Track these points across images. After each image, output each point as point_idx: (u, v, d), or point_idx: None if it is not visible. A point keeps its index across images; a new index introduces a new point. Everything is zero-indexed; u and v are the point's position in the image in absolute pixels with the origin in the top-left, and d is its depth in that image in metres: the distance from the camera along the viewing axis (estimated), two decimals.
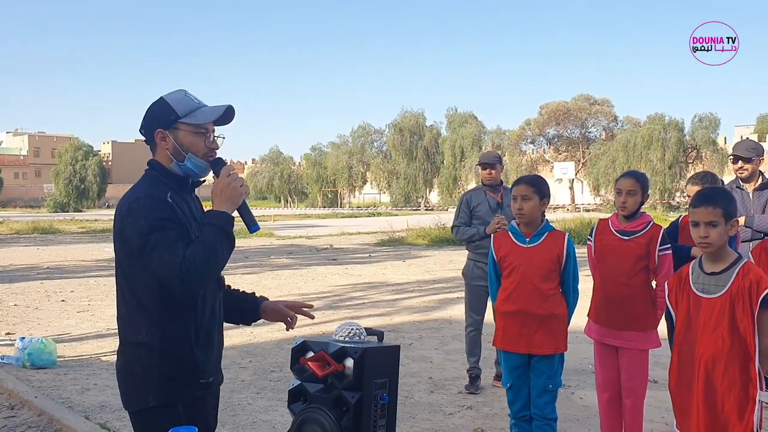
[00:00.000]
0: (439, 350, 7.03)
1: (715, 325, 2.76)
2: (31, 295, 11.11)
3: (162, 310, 2.21)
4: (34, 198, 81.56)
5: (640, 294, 3.96)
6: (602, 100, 60.40)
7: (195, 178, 2.36)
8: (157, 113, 2.29)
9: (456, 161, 61.46)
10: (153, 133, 2.29)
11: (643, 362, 4.03)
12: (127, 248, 2.20)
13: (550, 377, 3.70)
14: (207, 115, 2.30)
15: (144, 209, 2.16)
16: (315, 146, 75.01)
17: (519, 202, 3.72)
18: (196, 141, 2.29)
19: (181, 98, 2.31)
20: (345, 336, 3.24)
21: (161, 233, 2.13)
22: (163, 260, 2.09)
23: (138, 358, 2.23)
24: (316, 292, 11.30)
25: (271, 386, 5.77)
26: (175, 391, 2.24)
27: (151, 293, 2.19)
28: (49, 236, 27.81)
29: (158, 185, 2.26)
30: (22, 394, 5.26)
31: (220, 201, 2.23)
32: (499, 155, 5.98)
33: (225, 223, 2.20)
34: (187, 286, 2.12)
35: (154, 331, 2.21)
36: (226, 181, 2.24)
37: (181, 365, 2.24)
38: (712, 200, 2.82)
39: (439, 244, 21.36)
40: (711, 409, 2.75)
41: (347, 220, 39.80)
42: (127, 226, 2.18)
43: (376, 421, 3.09)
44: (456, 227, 5.75)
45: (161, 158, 2.32)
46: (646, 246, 3.91)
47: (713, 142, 53.51)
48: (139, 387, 2.24)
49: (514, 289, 3.75)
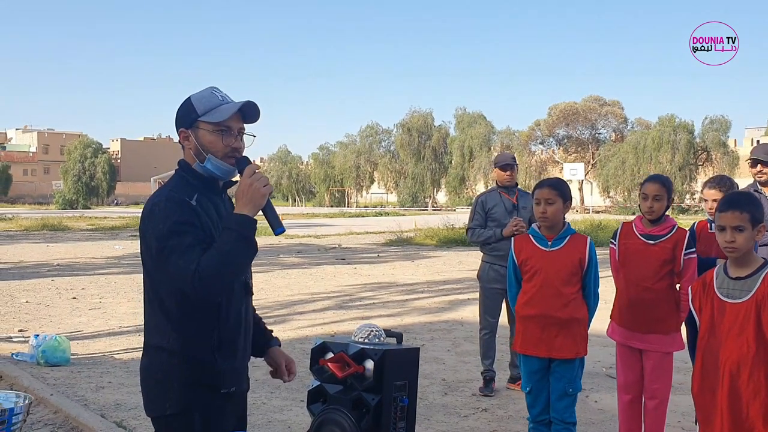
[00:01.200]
0: (451, 352, 7.02)
1: (739, 330, 2.74)
2: (42, 292, 11.15)
3: (183, 315, 2.14)
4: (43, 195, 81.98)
5: (665, 298, 3.95)
6: (612, 102, 60.23)
7: (219, 179, 2.27)
8: (181, 112, 2.24)
9: (464, 161, 61.41)
10: (179, 133, 2.26)
11: (667, 364, 4.03)
12: (149, 250, 2.16)
13: (570, 381, 3.68)
14: (224, 113, 2.19)
15: (164, 212, 2.10)
16: (323, 146, 75.28)
17: (543, 206, 3.68)
18: (215, 140, 2.20)
19: (205, 96, 2.22)
20: (364, 337, 3.24)
21: (179, 238, 2.07)
22: (178, 266, 2.04)
23: (159, 362, 2.18)
24: (326, 291, 11.30)
25: (285, 386, 5.76)
26: (193, 399, 2.16)
27: (173, 297, 2.14)
28: (58, 233, 27.92)
29: (185, 187, 2.20)
30: (38, 392, 5.27)
31: (242, 203, 2.11)
32: (515, 157, 5.94)
33: (244, 227, 2.08)
34: (201, 295, 2.05)
35: (175, 336, 2.15)
36: (249, 182, 2.12)
37: (201, 372, 2.17)
38: (738, 205, 2.80)
39: (447, 244, 21.32)
40: (735, 415, 2.72)
41: (355, 220, 39.81)
42: (147, 228, 2.14)
43: (395, 423, 3.09)
44: (471, 229, 5.71)
45: (188, 158, 2.27)
46: (672, 250, 3.91)
47: (723, 145, 53.30)
48: (159, 393, 2.18)
49: (536, 293, 3.72)
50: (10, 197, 79.69)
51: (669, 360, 4.03)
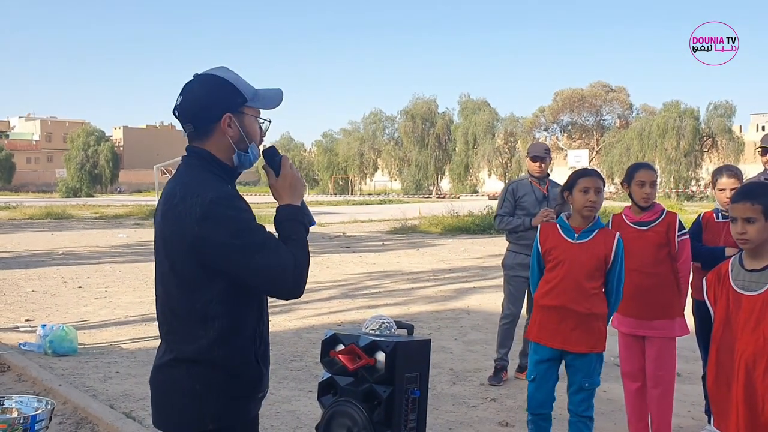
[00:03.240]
0: (458, 341, 7.01)
1: (756, 323, 2.70)
2: (48, 281, 11.16)
3: (232, 323, 1.98)
4: (47, 183, 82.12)
5: (667, 282, 3.99)
6: (618, 88, 59.99)
7: (245, 169, 2.12)
8: (223, 95, 2.00)
9: (468, 148, 61.23)
10: (217, 117, 1.99)
11: (671, 350, 4.05)
12: (204, 256, 1.91)
13: (587, 375, 3.64)
14: (273, 99, 2.08)
15: (233, 211, 1.92)
16: (326, 133, 75.10)
17: (593, 194, 3.59)
18: (256, 128, 2.08)
19: (238, 78, 2.04)
20: (375, 329, 3.24)
21: (262, 234, 1.92)
22: (272, 263, 1.89)
23: (195, 376, 1.98)
24: (331, 280, 11.29)
25: (292, 376, 5.77)
26: (235, 411, 2.03)
27: (223, 305, 1.96)
28: (62, 221, 27.96)
29: (218, 180, 2.00)
30: (46, 382, 5.28)
31: (290, 195, 2.05)
32: (548, 147, 5.83)
33: (304, 218, 2.06)
34: (296, 290, 1.95)
35: (219, 346, 1.97)
36: (293, 174, 2.07)
37: (244, 382, 2.04)
38: (751, 196, 2.76)
39: (452, 232, 21.29)
40: (751, 408, 2.70)
41: (359, 207, 39.79)
42: (210, 232, 1.88)
43: (407, 415, 3.07)
44: (500, 216, 5.64)
45: (214, 147, 2.02)
46: (665, 234, 3.96)
47: (729, 130, 53.05)
48: (195, 408, 1.99)
49: (557, 284, 3.66)
50: (14, 185, 79.79)
51: (672, 346, 4.04)
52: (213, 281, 1.95)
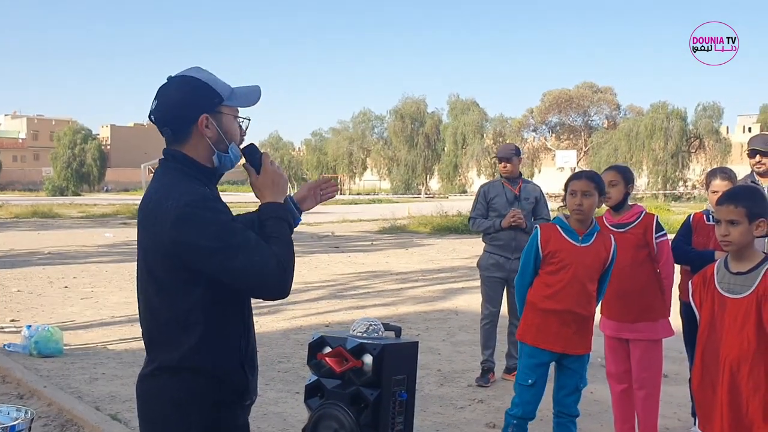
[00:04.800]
0: (446, 342, 7.01)
1: (741, 326, 2.72)
2: (34, 281, 11.07)
3: (214, 328, 1.94)
4: (33, 181, 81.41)
5: (647, 284, 3.98)
6: (605, 88, 60.24)
7: (227, 170, 2.07)
8: (199, 95, 1.96)
9: (457, 148, 61.31)
10: (193, 119, 1.96)
11: (656, 353, 4.05)
12: (182, 260, 1.88)
13: (582, 377, 3.67)
14: (250, 97, 2.04)
15: (209, 213, 1.87)
16: (315, 132, 74.94)
17: (579, 197, 3.55)
18: (234, 128, 2.03)
19: (214, 78, 2.01)
20: (363, 331, 3.22)
21: (242, 235, 1.87)
22: (254, 263, 1.85)
23: (179, 384, 1.95)
24: (319, 280, 11.27)
25: (279, 377, 5.75)
26: (218, 418, 1.99)
27: (204, 311, 1.92)
28: (48, 220, 27.75)
29: (193, 182, 1.96)
30: (31, 384, 5.23)
31: (274, 192, 2.02)
32: (517, 147, 5.86)
33: (288, 215, 2.03)
34: (284, 288, 1.91)
35: (201, 353, 1.94)
36: (276, 171, 2.03)
37: (229, 389, 2.01)
38: (734, 199, 2.79)
39: (441, 232, 21.33)
40: (735, 410, 2.72)
41: (348, 207, 39.73)
42: (187, 236, 1.85)
43: (394, 418, 3.06)
44: (473, 219, 5.74)
45: (193, 149, 1.99)
46: (643, 235, 3.96)
47: (716, 132, 53.39)
48: (179, 417, 1.95)
49: (562, 288, 3.60)
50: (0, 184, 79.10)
51: (657, 348, 4.04)
52: (193, 287, 1.91)
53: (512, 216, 5.35)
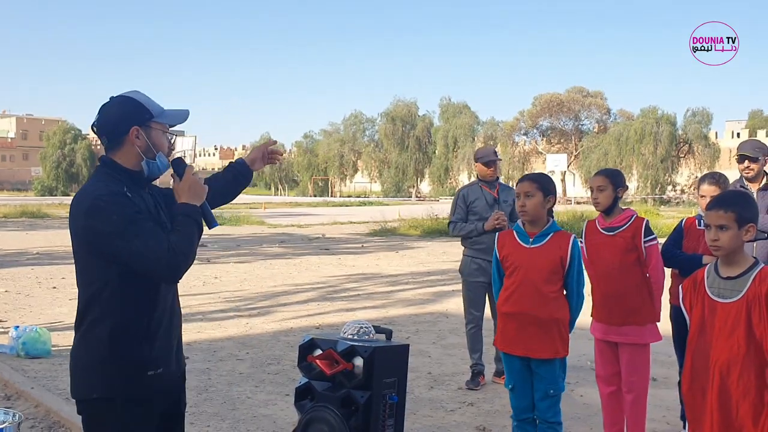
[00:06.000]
0: (436, 344, 7.01)
1: (730, 330, 2.73)
2: (22, 282, 10.99)
3: (121, 301, 2.27)
4: (21, 181, 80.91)
5: (635, 287, 3.98)
6: (595, 93, 60.47)
7: (156, 176, 2.45)
8: (132, 111, 2.35)
9: (448, 151, 61.44)
10: (126, 130, 2.33)
11: (643, 357, 4.05)
12: (92, 244, 2.25)
13: (552, 382, 3.61)
14: (177, 117, 2.46)
15: (114, 206, 2.22)
16: (306, 134, 74.97)
17: (522, 199, 3.61)
18: (163, 140, 2.42)
19: (148, 99, 2.40)
20: (354, 334, 3.21)
21: (141, 224, 2.22)
22: (148, 246, 2.18)
23: (89, 346, 2.29)
24: (310, 282, 11.25)
25: (270, 379, 5.72)
26: (120, 383, 2.28)
27: (109, 288, 2.26)
28: (37, 221, 27.56)
29: (113, 182, 2.32)
30: (18, 385, 5.19)
31: (189, 196, 2.36)
32: (495, 150, 5.93)
33: (197, 215, 2.35)
34: (172, 271, 2.23)
35: (109, 322, 2.27)
36: (193, 179, 2.40)
37: (130, 356, 2.29)
38: (724, 204, 2.80)
39: (431, 235, 21.32)
40: (725, 414, 2.72)
41: (338, 209, 39.71)
42: (94, 223, 2.23)
43: (384, 421, 3.07)
44: (453, 223, 5.71)
45: (122, 156, 2.36)
46: (632, 239, 3.96)
47: (705, 137, 53.78)
48: (86, 376, 2.30)
49: (515, 290, 3.66)
50: None
51: (645, 352, 4.05)
52: (104, 270, 2.26)
53: (496, 218, 5.31)
